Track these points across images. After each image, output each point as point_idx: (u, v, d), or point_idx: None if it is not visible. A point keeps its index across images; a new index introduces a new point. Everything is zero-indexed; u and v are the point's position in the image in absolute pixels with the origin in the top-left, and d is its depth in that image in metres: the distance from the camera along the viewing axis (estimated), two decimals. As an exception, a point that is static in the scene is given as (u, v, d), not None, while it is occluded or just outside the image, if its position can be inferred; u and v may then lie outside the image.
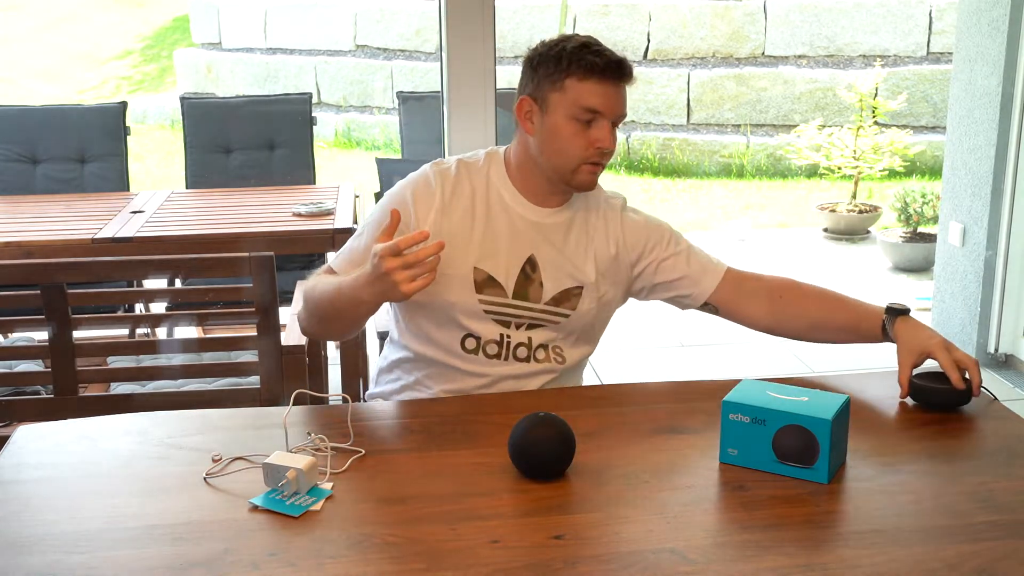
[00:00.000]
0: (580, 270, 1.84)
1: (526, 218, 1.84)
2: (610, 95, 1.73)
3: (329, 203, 3.57)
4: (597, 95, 1.73)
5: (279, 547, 1.30)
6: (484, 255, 1.81)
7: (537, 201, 1.84)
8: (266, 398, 2.29)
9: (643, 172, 7.92)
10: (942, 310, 4.22)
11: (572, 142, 1.75)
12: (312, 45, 9.40)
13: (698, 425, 1.62)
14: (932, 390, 1.68)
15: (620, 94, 1.75)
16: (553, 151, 1.77)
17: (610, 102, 1.73)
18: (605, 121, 1.74)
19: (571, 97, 1.73)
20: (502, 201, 1.84)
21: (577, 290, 1.84)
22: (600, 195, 1.91)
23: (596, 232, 1.87)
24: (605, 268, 1.87)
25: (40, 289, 2.21)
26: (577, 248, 1.85)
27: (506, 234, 1.82)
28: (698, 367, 4.06)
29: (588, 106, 1.73)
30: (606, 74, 1.72)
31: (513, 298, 1.81)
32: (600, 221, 1.88)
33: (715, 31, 8.21)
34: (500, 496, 1.42)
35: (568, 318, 1.84)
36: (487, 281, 1.80)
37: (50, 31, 12.49)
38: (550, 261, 1.83)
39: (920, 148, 6.51)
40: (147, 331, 4.00)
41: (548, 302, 1.83)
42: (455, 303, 1.80)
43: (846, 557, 1.27)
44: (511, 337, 1.82)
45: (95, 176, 4.03)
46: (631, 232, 1.90)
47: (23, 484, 1.48)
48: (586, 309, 1.85)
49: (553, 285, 1.83)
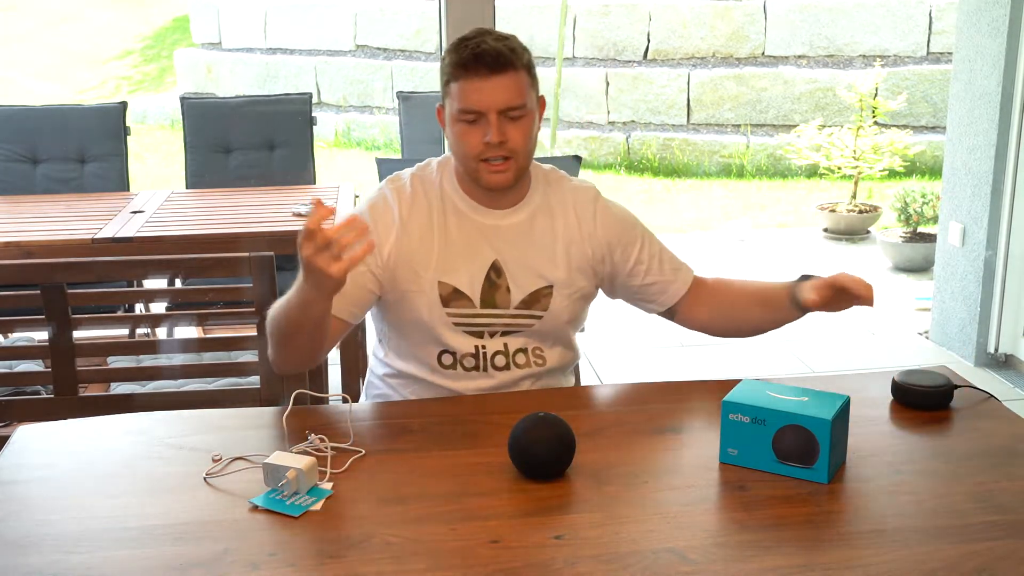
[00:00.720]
0: (548, 269, 1.81)
1: (483, 223, 1.80)
2: (484, 89, 1.68)
3: (329, 203, 3.56)
4: (469, 93, 1.68)
5: (279, 547, 1.30)
6: (446, 268, 1.78)
7: (490, 204, 1.80)
8: (266, 398, 2.29)
9: (643, 172, 7.92)
10: (942, 310, 4.22)
11: (463, 143, 1.72)
12: (312, 45, 9.40)
13: (698, 425, 1.62)
14: (915, 390, 1.68)
15: (496, 86, 1.67)
16: (456, 155, 1.77)
17: (484, 97, 1.68)
18: (491, 116, 1.68)
19: (454, 101, 1.71)
20: (457, 210, 1.80)
21: (547, 290, 1.81)
22: (565, 185, 1.86)
23: (563, 226, 1.83)
24: (577, 262, 1.83)
25: (40, 289, 2.21)
26: (543, 246, 1.81)
27: (465, 243, 1.79)
28: (698, 367, 4.06)
29: (463, 107, 1.69)
30: (471, 70, 1.68)
31: (481, 307, 1.79)
32: (568, 214, 1.83)
33: (715, 31, 8.21)
34: (500, 496, 1.42)
35: (542, 319, 1.81)
36: (453, 294, 1.78)
37: (50, 31, 12.49)
38: (515, 264, 1.80)
39: (920, 148, 6.50)
40: (147, 331, 4.00)
41: (518, 306, 1.80)
42: (425, 320, 1.78)
43: (846, 557, 1.27)
44: (487, 347, 1.80)
45: (95, 176, 4.03)
46: (603, 225, 1.85)
47: (23, 484, 1.48)
48: (560, 308, 1.82)
49: (520, 289, 1.80)
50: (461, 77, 1.69)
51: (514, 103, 1.70)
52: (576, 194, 1.86)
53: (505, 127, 1.70)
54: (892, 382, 1.71)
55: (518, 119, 1.71)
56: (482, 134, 1.69)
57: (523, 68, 1.71)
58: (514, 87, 1.69)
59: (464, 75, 1.69)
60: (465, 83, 1.68)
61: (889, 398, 1.71)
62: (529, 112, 1.73)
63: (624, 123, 8.15)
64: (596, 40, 8.40)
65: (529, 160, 1.78)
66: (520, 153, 1.73)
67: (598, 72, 8.23)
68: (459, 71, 1.69)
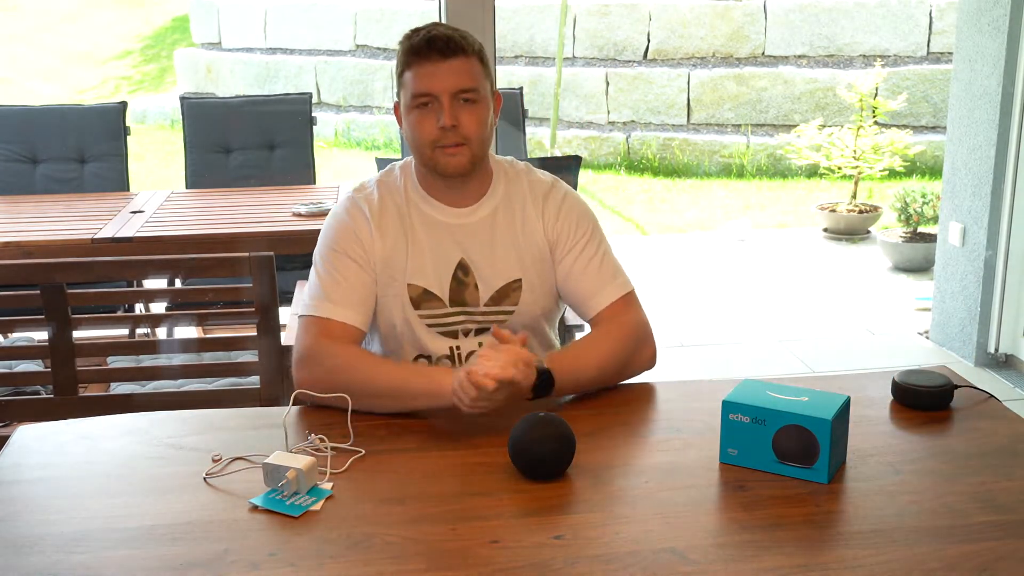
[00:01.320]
0: (514, 264, 1.81)
1: (447, 223, 1.81)
2: (437, 73, 1.69)
3: (329, 203, 3.57)
4: (421, 77, 1.70)
5: (279, 547, 1.30)
6: (414, 270, 1.78)
7: (453, 202, 1.81)
8: (266, 398, 2.29)
9: (643, 172, 7.92)
10: (942, 310, 4.22)
11: (417, 131, 1.73)
12: (312, 45, 9.39)
13: (698, 425, 1.62)
14: (915, 390, 1.68)
15: (448, 69, 1.69)
16: (411, 145, 1.77)
17: (436, 80, 1.69)
18: (444, 99, 1.70)
19: (408, 89, 1.73)
20: (421, 212, 1.81)
21: (516, 284, 1.81)
22: (523, 179, 1.86)
23: (521, 220, 1.83)
24: (539, 255, 1.82)
25: (40, 289, 2.21)
26: (507, 241, 1.81)
27: (431, 243, 1.79)
28: (698, 367, 4.06)
29: (417, 91, 1.71)
30: (423, 56, 1.70)
31: (451, 306, 1.79)
32: (526, 207, 1.83)
33: (715, 31, 8.21)
34: (500, 496, 1.42)
35: (513, 315, 1.81)
36: (423, 295, 1.78)
37: (50, 31, 12.49)
38: (482, 260, 1.80)
39: (920, 148, 6.50)
40: (147, 331, 4.00)
41: (487, 303, 1.80)
42: (396, 324, 1.79)
43: (846, 557, 1.27)
44: (461, 348, 1.81)
45: (95, 176, 4.03)
46: (552, 219, 1.83)
47: (23, 484, 1.48)
48: (530, 302, 1.82)
49: (488, 285, 1.80)
50: (414, 64, 1.71)
51: (466, 85, 1.71)
52: (533, 187, 1.86)
53: (458, 112, 1.71)
54: (892, 382, 1.71)
55: (471, 104, 1.72)
56: (435, 119, 1.71)
57: (474, 55, 1.73)
58: (466, 71, 1.71)
59: (416, 61, 1.71)
60: (418, 68, 1.71)
61: (889, 398, 1.71)
62: (483, 99, 1.74)
63: (624, 123, 8.15)
64: (596, 40, 8.40)
65: (484, 149, 1.78)
66: (473, 140, 1.73)
67: (598, 72, 8.23)
68: (412, 58, 1.72)
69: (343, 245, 1.77)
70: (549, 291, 1.85)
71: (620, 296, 1.81)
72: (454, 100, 1.70)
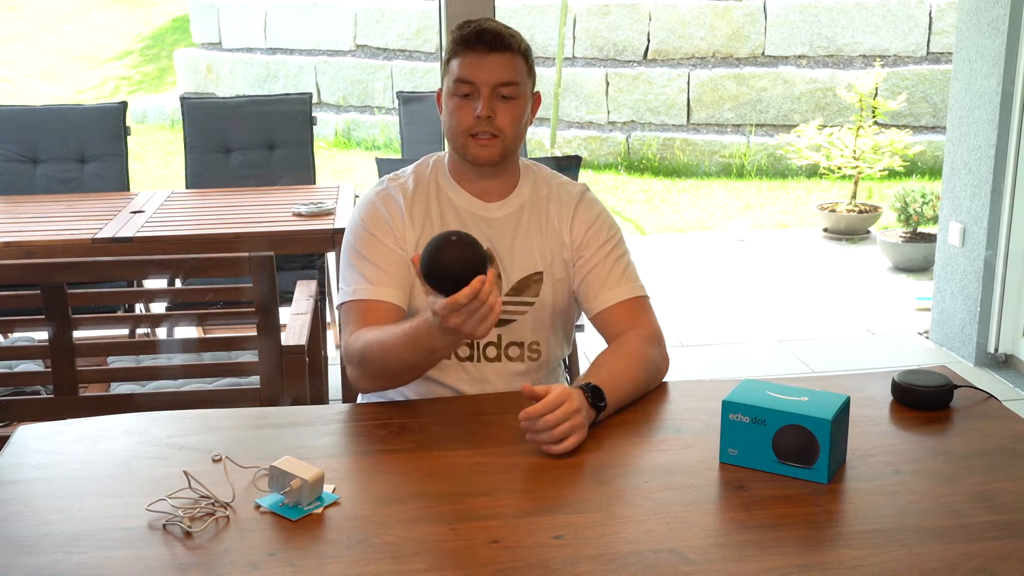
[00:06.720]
0: (537, 257, 1.85)
1: (475, 215, 1.85)
2: (482, 64, 1.75)
3: (329, 203, 3.57)
4: (466, 66, 1.75)
5: (279, 547, 1.30)
6: None
7: (481, 196, 1.86)
8: (266, 398, 2.29)
9: (643, 172, 7.92)
10: (942, 310, 4.22)
11: (454, 116, 1.77)
12: (312, 45, 9.39)
13: (698, 425, 1.62)
14: (915, 390, 1.68)
15: (493, 63, 1.75)
16: (447, 130, 1.81)
17: (480, 71, 1.74)
18: (484, 91, 1.74)
19: (451, 75, 1.78)
20: (451, 203, 1.86)
21: (537, 276, 1.85)
22: (552, 182, 1.91)
23: (547, 222, 1.87)
24: (561, 255, 1.86)
25: (40, 289, 2.21)
26: (530, 236, 1.86)
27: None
28: (698, 367, 4.06)
29: (459, 77, 1.76)
30: (470, 45, 1.75)
31: None
32: (553, 207, 1.88)
33: (715, 31, 8.21)
34: (500, 496, 1.42)
35: (533, 306, 1.85)
36: None
37: (50, 31, 12.49)
38: (506, 252, 1.84)
39: (920, 148, 6.50)
40: (147, 331, 4.00)
41: (509, 293, 1.84)
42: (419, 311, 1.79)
43: (846, 557, 1.27)
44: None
45: (95, 176, 4.03)
46: (579, 220, 1.87)
47: (23, 484, 1.48)
48: (550, 294, 1.85)
49: (509, 276, 1.84)
50: (461, 53, 1.77)
51: (507, 79, 1.76)
52: (563, 189, 1.91)
53: (496, 104, 1.76)
54: (892, 382, 1.71)
55: (510, 100, 1.77)
56: (473, 109, 1.76)
57: (520, 53, 1.79)
58: (509, 66, 1.77)
59: (464, 51, 1.76)
60: (464, 57, 1.76)
61: (889, 398, 1.71)
62: (522, 97, 1.79)
63: (624, 123, 8.15)
64: (596, 40, 8.40)
65: (516, 144, 1.82)
66: (507, 134, 1.78)
67: (598, 72, 8.23)
68: (460, 47, 1.77)
69: (376, 228, 1.81)
70: (568, 289, 1.89)
71: (635, 296, 1.84)
72: (494, 93, 1.75)
